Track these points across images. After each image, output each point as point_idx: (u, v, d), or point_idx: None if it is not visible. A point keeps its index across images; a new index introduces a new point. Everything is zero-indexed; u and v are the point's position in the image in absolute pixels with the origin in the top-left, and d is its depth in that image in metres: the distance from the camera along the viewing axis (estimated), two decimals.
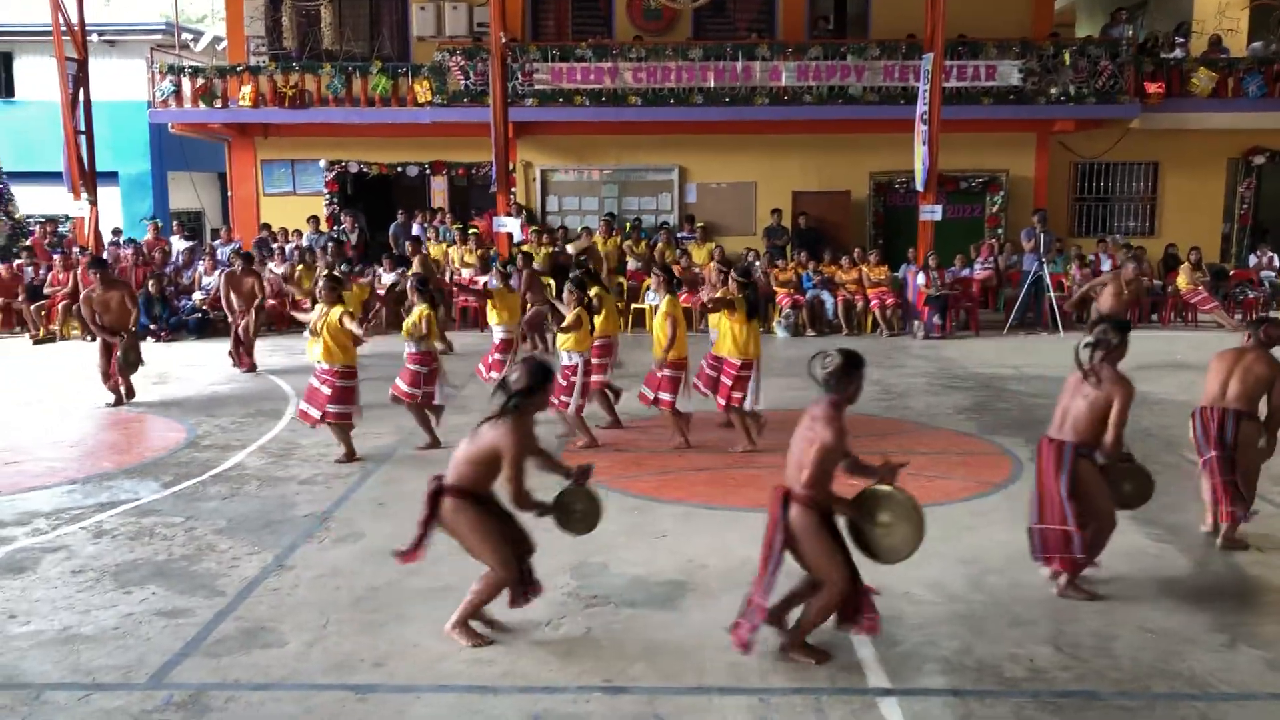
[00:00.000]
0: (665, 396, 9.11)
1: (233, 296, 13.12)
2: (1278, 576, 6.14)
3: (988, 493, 7.77)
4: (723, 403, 9.05)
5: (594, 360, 9.30)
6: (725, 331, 9.00)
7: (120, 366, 10.88)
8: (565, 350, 9.00)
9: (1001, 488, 7.89)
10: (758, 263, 16.46)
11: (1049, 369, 12.28)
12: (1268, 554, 6.44)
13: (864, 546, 5.02)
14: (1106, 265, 16.88)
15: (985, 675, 4.81)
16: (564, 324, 8.99)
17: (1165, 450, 9.00)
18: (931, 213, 16.53)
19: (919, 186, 16.58)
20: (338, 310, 8.59)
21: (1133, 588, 5.87)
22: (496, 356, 10.60)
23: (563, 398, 8.84)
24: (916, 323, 16.13)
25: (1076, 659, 4.96)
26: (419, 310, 9.11)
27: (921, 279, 16.11)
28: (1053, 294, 16.26)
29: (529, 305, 12.98)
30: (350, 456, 8.65)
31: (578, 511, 5.36)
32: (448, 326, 15.67)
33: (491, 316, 10.94)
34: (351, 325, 8.50)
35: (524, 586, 5.20)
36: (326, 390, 8.55)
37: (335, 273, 10.49)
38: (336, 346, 8.55)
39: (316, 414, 8.57)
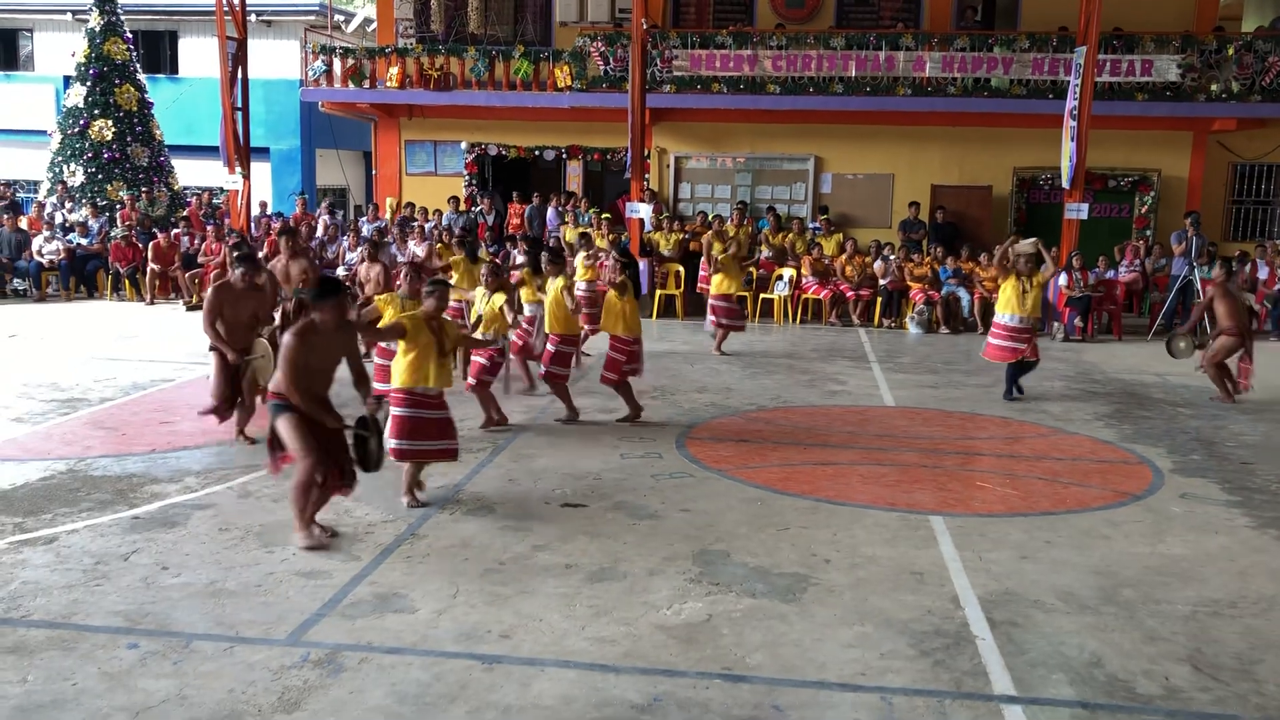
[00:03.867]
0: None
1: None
2: None
3: (1125, 502, 7.51)
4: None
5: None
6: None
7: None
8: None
9: (1139, 499, 7.62)
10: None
11: (1194, 379, 11.78)
12: None
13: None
14: (1264, 272, 16.08)
15: (1116, 690, 4.67)
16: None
17: None
18: (1077, 211, 15.98)
19: (1065, 184, 16.03)
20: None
21: None
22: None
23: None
24: (1056, 324, 15.64)
25: (1217, 680, 4.77)
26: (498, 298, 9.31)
27: (1064, 279, 15.60)
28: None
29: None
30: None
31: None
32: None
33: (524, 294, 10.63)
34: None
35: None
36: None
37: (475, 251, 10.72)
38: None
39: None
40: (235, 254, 8.29)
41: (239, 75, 18.04)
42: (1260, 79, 17.04)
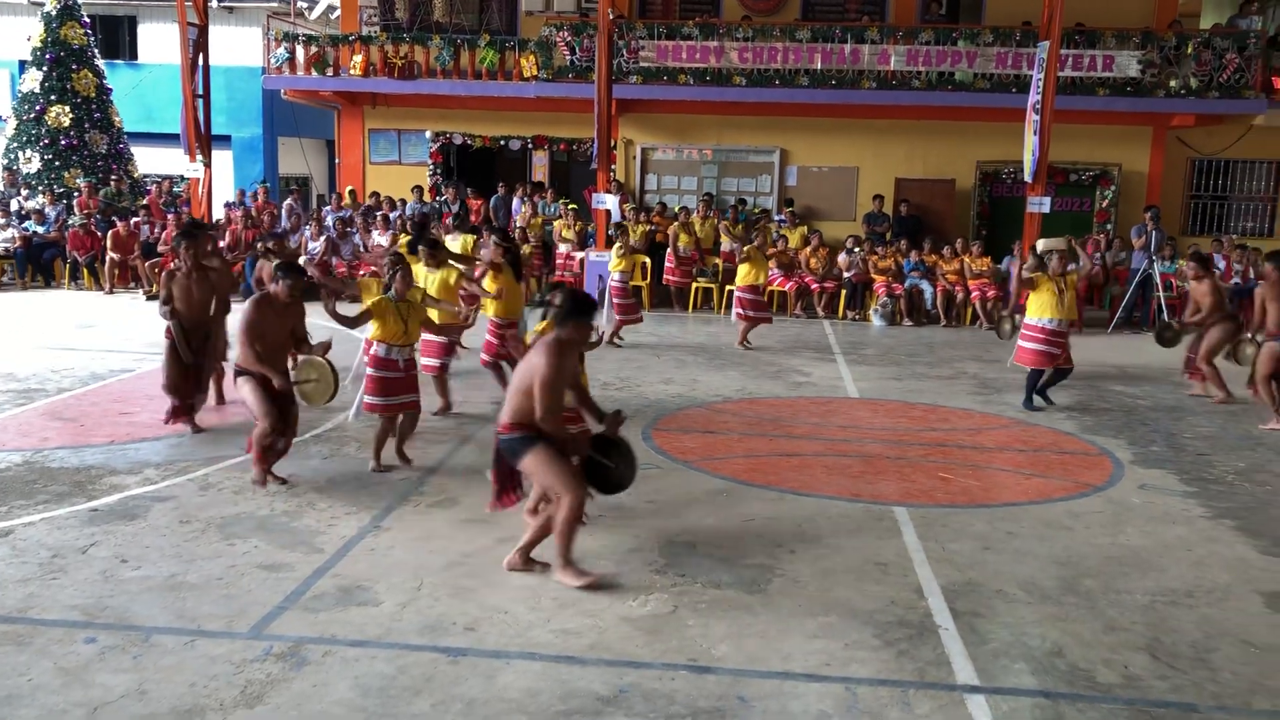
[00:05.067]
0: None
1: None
2: None
3: (1086, 494, 7.60)
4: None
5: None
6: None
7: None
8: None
9: (1100, 490, 7.71)
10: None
11: (1153, 370, 11.93)
12: None
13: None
14: (1222, 266, 16.30)
15: (1077, 679, 4.72)
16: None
17: (1277, 460, 8.70)
18: (1039, 205, 16.11)
19: (1027, 177, 16.17)
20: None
21: (1236, 600, 5.70)
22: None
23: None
24: (1018, 316, 15.75)
25: (1174, 669, 4.84)
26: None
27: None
28: (1161, 294, 15.76)
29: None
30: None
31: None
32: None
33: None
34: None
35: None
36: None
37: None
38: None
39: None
40: (275, 266, 7.20)
41: (200, 62, 17.80)
42: (1218, 75, 17.26)
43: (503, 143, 20.04)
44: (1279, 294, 9.68)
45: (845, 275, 16.62)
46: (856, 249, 16.74)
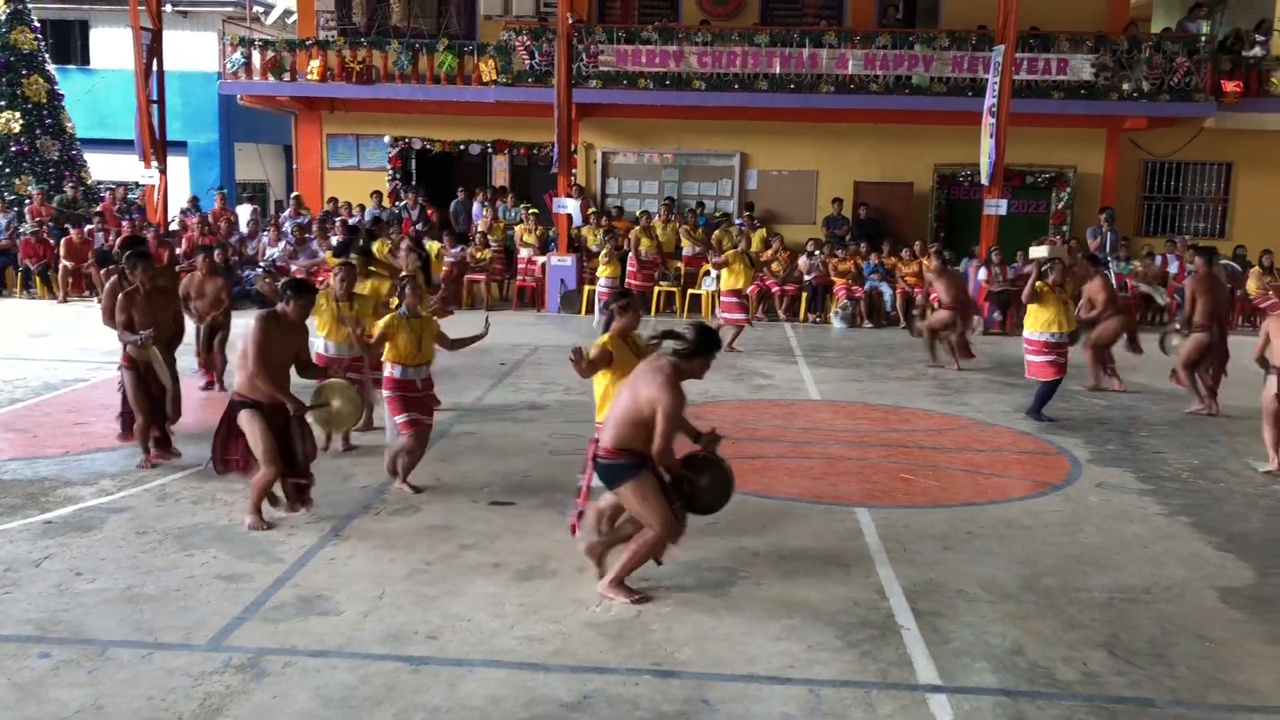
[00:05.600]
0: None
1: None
2: None
3: (1044, 493, 7.68)
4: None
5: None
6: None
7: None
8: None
9: (1058, 489, 7.80)
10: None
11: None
12: None
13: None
14: (1174, 266, 16.56)
15: (1037, 677, 4.77)
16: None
17: (1230, 457, 8.84)
18: (996, 207, 16.31)
19: (984, 180, 16.35)
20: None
21: (1192, 596, 5.78)
22: None
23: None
24: (976, 318, 15.93)
25: (1132, 665, 4.90)
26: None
27: (983, 274, 15.92)
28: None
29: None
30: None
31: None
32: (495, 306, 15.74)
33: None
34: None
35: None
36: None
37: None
38: None
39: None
40: (284, 284, 6.67)
41: (154, 67, 17.59)
42: (1169, 79, 17.53)
43: (462, 147, 19.95)
44: (1208, 287, 10.04)
45: (806, 278, 16.70)
46: (817, 252, 16.84)
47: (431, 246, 12.58)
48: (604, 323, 6.35)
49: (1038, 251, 11.31)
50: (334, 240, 15.87)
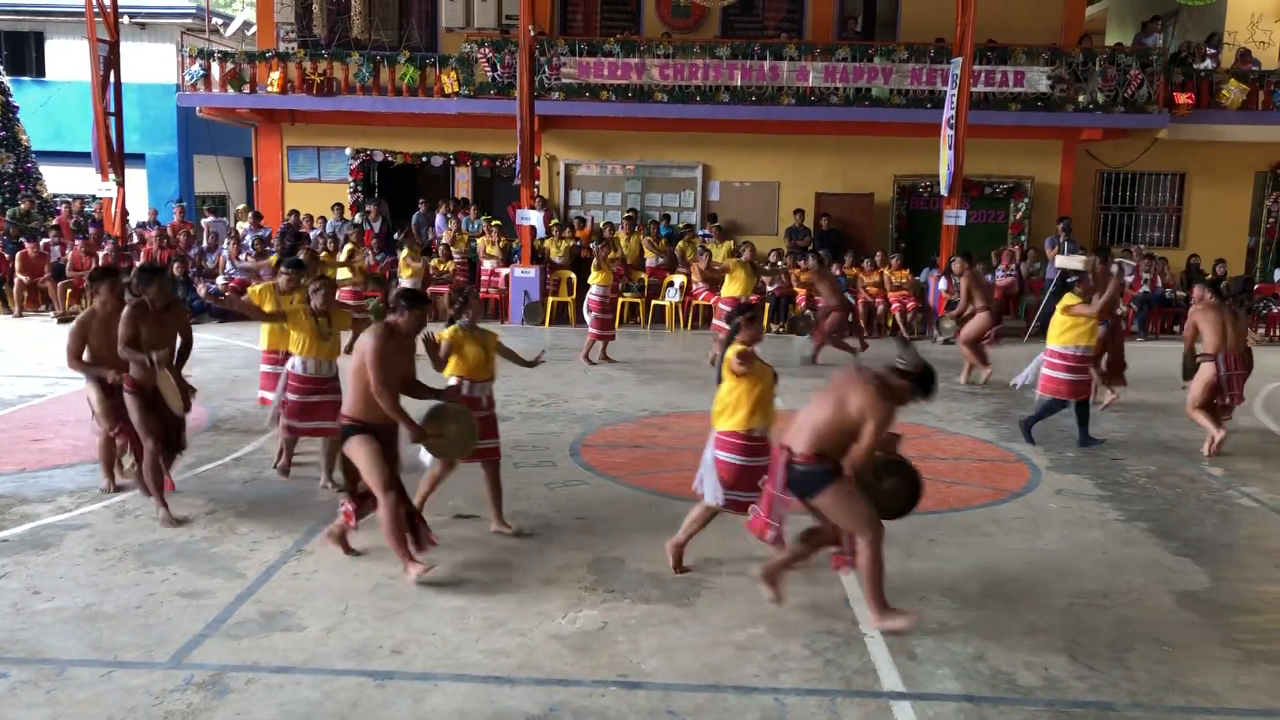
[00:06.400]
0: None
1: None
2: None
3: (1005, 500, 7.77)
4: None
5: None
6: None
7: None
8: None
9: (1019, 496, 7.88)
10: (780, 263, 16.38)
11: None
12: None
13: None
14: (1130, 276, 16.79)
15: (999, 682, 4.82)
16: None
17: (1186, 463, 8.97)
18: (955, 218, 16.48)
19: (943, 191, 16.53)
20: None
21: (1150, 600, 5.87)
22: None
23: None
24: (937, 328, 16.07)
25: (1092, 670, 4.97)
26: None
27: (944, 284, 16.06)
28: None
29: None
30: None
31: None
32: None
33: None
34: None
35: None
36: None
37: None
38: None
39: None
40: (397, 294, 6.12)
41: (111, 79, 17.42)
42: (1123, 91, 17.82)
43: (424, 159, 19.90)
44: (1212, 318, 9.64)
45: (768, 289, 16.77)
46: (779, 263, 16.91)
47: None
48: (728, 335, 6.22)
49: (1070, 262, 10.81)
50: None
